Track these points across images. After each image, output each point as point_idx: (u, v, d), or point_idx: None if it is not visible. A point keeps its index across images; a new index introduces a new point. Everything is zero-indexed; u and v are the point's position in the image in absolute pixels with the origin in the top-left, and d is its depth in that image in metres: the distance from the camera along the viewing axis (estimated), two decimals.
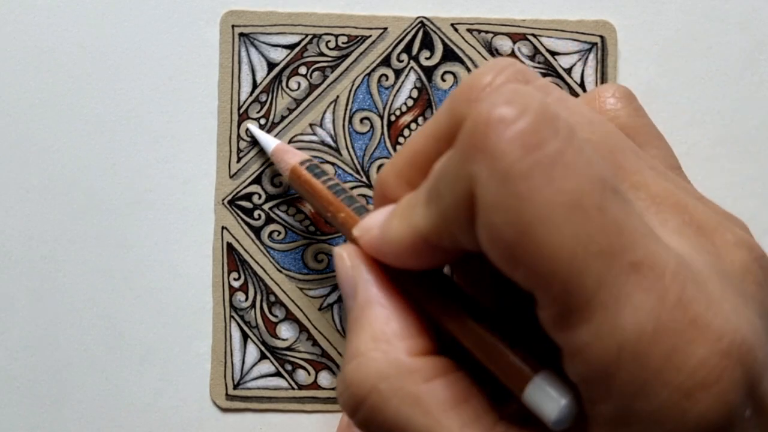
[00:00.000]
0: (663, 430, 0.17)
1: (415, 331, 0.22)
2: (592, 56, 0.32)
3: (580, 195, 0.17)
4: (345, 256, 0.23)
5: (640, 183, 0.20)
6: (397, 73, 0.33)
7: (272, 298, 0.33)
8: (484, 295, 0.23)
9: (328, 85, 0.33)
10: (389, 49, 0.32)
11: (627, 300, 0.17)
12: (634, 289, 0.17)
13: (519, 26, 0.32)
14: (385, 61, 0.33)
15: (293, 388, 0.33)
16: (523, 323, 0.20)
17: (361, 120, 0.33)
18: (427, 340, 0.22)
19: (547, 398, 0.19)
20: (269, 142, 0.31)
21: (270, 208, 0.33)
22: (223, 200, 0.33)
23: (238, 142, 0.32)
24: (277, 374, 0.33)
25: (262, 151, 0.32)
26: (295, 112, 0.33)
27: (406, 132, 0.33)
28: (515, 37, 0.32)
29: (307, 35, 0.32)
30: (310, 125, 0.33)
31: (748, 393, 0.17)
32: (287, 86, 0.33)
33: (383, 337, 0.22)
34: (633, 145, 0.21)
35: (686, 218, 0.20)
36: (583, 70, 0.33)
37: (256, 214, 0.33)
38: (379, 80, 0.33)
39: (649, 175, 0.20)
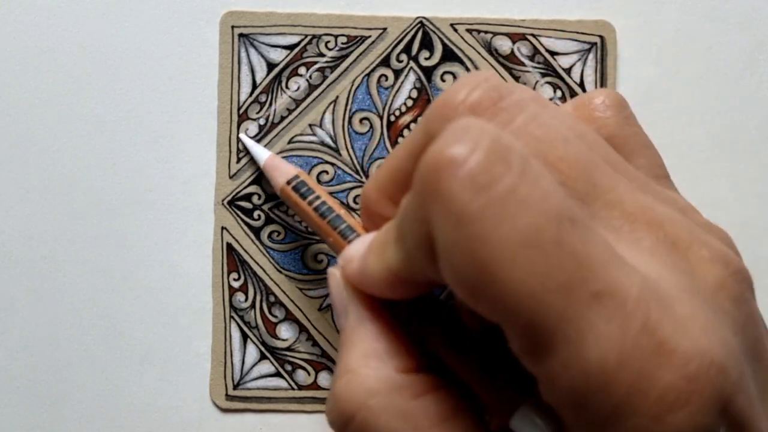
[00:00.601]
0: None
1: (403, 350, 0.22)
2: (591, 56, 0.32)
3: (535, 231, 0.17)
4: (337, 276, 0.24)
5: (615, 201, 0.20)
6: (397, 73, 0.33)
7: (272, 299, 0.33)
8: (469, 317, 0.23)
9: (327, 86, 0.33)
10: (389, 50, 0.33)
11: (589, 330, 0.17)
12: (596, 319, 0.17)
13: (518, 26, 0.32)
14: (385, 62, 0.33)
15: (293, 389, 0.33)
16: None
17: (361, 120, 0.33)
18: (415, 358, 0.22)
19: (533, 426, 0.19)
20: (260, 155, 0.32)
21: (270, 209, 0.33)
22: (222, 200, 0.33)
23: (237, 142, 0.32)
24: (277, 374, 0.33)
25: None
26: (295, 113, 0.33)
27: (405, 132, 0.33)
28: (515, 37, 0.32)
29: (306, 36, 0.32)
30: (310, 126, 0.33)
31: (721, 412, 0.17)
32: (287, 87, 0.33)
33: (373, 354, 0.22)
34: (614, 157, 0.21)
35: (660, 235, 0.20)
36: (582, 70, 0.33)
37: (255, 214, 0.33)
38: (378, 80, 0.33)
39: (625, 191, 0.20)
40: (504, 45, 0.32)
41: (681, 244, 0.20)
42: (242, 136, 0.32)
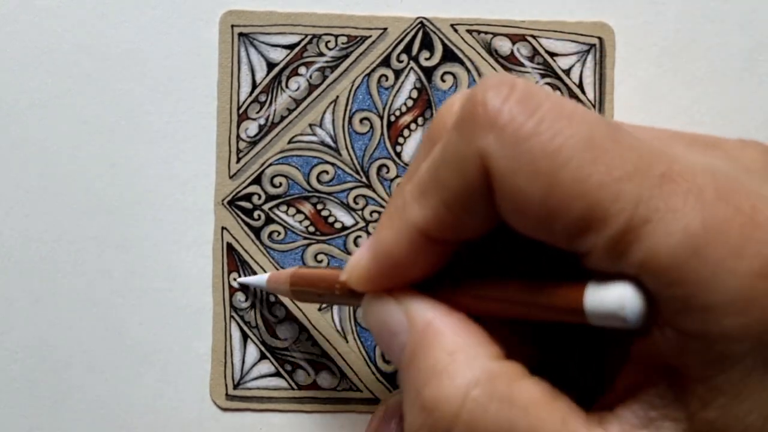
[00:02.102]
0: (744, 314, 0.18)
1: (484, 339, 0.21)
2: (590, 57, 0.33)
3: (591, 133, 0.18)
4: (383, 296, 0.23)
5: (635, 129, 0.21)
6: (397, 73, 0.33)
7: (272, 299, 0.33)
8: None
9: (327, 86, 0.33)
10: (389, 50, 0.33)
11: (667, 208, 0.18)
12: (670, 197, 0.18)
13: (518, 27, 0.32)
14: (385, 62, 0.33)
15: (293, 388, 0.33)
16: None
17: (361, 120, 0.33)
18: (498, 346, 0.21)
19: (611, 295, 0.18)
20: (260, 278, 0.31)
21: (270, 209, 0.33)
22: (222, 201, 0.33)
23: (237, 142, 0.32)
24: (277, 374, 0.33)
25: (261, 152, 0.32)
26: (295, 113, 0.33)
27: (405, 132, 0.33)
28: (514, 38, 0.32)
29: (306, 35, 0.32)
30: (310, 125, 0.33)
31: None
32: (287, 86, 0.33)
33: (458, 348, 0.21)
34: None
35: (688, 140, 0.21)
36: (581, 71, 0.33)
37: (255, 214, 0.33)
38: (378, 81, 0.33)
39: (639, 128, 0.22)
40: (504, 46, 0.32)
41: (709, 142, 0.21)
42: (239, 279, 0.32)
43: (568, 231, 0.18)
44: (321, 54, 0.32)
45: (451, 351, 0.21)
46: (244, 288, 0.33)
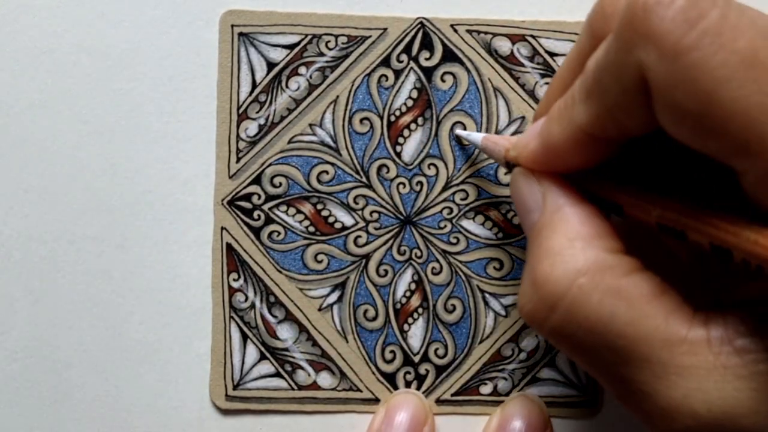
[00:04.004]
0: None
1: (606, 233, 0.22)
2: None
3: (754, 51, 0.18)
4: (528, 173, 0.24)
5: None
6: (397, 73, 0.33)
7: (272, 299, 0.33)
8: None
9: (327, 86, 0.33)
10: (389, 50, 0.32)
11: None
12: None
13: (518, 27, 0.32)
14: (385, 62, 0.33)
15: (293, 389, 0.33)
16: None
17: (361, 120, 0.33)
18: (617, 241, 0.22)
19: None
20: (476, 138, 0.31)
21: (269, 209, 0.33)
22: (222, 201, 0.33)
23: (237, 142, 0.32)
24: (277, 375, 0.33)
25: (261, 152, 0.32)
26: (295, 113, 0.33)
27: (405, 132, 0.33)
28: (514, 38, 0.32)
29: (306, 35, 0.32)
30: (310, 125, 0.33)
31: None
32: (287, 86, 0.33)
33: (578, 237, 0.22)
34: None
35: None
36: None
37: (255, 214, 0.33)
38: (378, 81, 0.33)
39: None
40: (504, 46, 0.32)
41: None
42: (458, 131, 0.32)
43: (723, 149, 0.18)
44: (321, 54, 0.32)
45: (572, 237, 0.22)
46: (244, 288, 0.33)
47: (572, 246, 0.22)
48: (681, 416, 0.20)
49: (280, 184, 0.32)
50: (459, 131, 0.32)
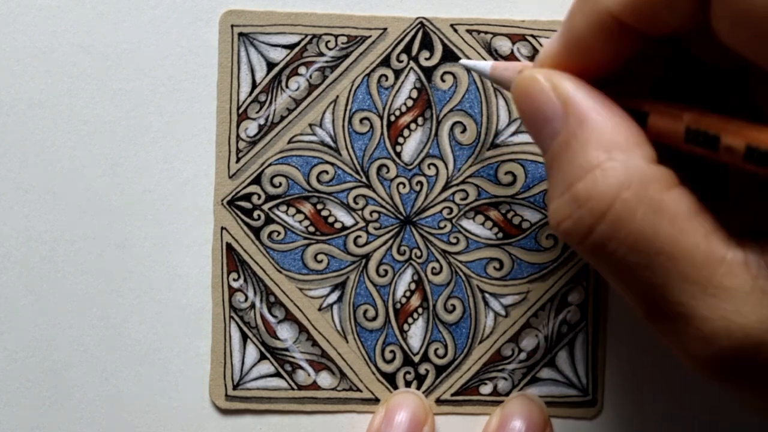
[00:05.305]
0: None
1: (642, 140, 0.21)
2: None
3: None
4: (540, 77, 0.22)
5: None
6: (397, 73, 0.33)
7: (272, 299, 0.33)
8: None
9: (327, 86, 0.33)
10: (389, 50, 0.32)
11: None
12: None
13: (518, 27, 0.32)
14: (385, 62, 0.32)
15: (293, 389, 0.33)
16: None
17: (361, 120, 0.33)
18: (653, 149, 0.21)
19: None
20: (484, 66, 0.29)
21: (269, 209, 0.33)
22: (222, 200, 0.33)
23: (237, 142, 0.32)
24: (277, 375, 0.33)
25: (261, 152, 0.32)
26: (295, 112, 0.33)
27: (405, 132, 0.33)
28: (514, 38, 0.32)
29: (306, 35, 0.32)
30: (310, 125, 0.33)
31: None
32: (287, 86, 0.33)
33: (616, 146, 0.20)
34: None
35: None
36: None
37: (255, 214, 0.33)
38: (378, 80, 0.33)
39: None
40: (504, 45, 0.32)
41: None
42: (463, 61, 0.31)
43: None
44: (321, 54, 0.32)
45: (609, 148, 0.20)
46: (244, 288, 0.33)
47: (611, 158, 0.20)
48: (717, 338, 0.19)
49: (280, 184, 0.33)
50: (464, 60, 0.31)
